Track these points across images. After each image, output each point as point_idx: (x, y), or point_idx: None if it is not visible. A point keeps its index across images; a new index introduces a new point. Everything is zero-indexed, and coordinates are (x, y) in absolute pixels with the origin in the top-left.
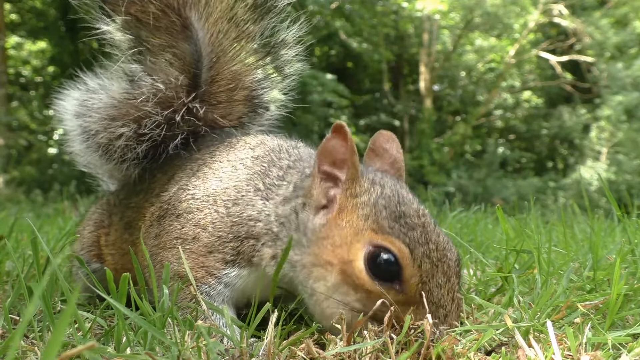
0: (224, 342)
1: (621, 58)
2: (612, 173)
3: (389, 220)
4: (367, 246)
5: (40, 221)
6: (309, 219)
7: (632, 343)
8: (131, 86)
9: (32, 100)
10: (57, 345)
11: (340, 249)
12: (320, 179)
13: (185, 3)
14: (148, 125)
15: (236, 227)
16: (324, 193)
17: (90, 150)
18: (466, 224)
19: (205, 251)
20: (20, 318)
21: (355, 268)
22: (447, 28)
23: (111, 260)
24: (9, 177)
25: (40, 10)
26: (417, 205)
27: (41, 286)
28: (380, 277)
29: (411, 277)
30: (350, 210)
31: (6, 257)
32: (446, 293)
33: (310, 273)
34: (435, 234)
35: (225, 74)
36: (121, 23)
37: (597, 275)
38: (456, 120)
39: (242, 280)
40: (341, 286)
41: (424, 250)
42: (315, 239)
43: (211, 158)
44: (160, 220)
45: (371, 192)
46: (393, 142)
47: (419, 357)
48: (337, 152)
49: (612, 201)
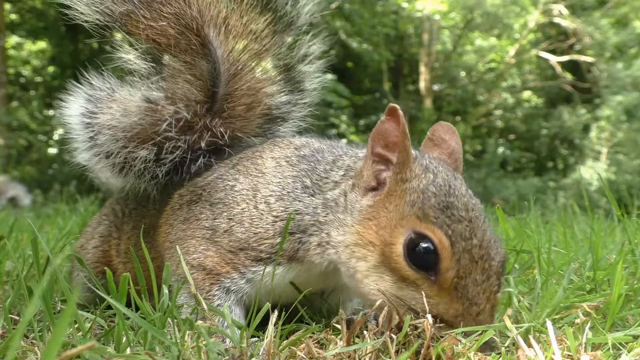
0: (224, 343)
1: (621, 58)
2: (612, 173)
3: (435, 209)
4: (409, 232)
5: (40, 221)
6: (357, 199)
7: (632, 343)
8: (152, 110)
9: (32, 100)
10: (57, 345)
11: (384, 231)
12: (373, 161)
13: (203, 22)
14: (169, 149)
15: (279, 222)
16: (374, 175)
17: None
18: None
19: (236, 247)
20: (20, 318)
21: (394, 251)
22: (447, 28)
23: (123, 268)
24: (9, 177)
25: (40, 10)
26: (467, 199)
27: (41, 286)
28: (417, 265)
29: (447, 269)
30: (399, 194)
31: (6, 257)
32: (482, 291)
33: (352, 252)
34: (481, 231)
35: (243, 88)
36: (141, 50)
37: (597, 275)
38: (456, 120)
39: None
40: (379, 267)
41: (466, 245)
42: (361, 219)
43: (253, 153)
44: (191, 205)
45: (422, 178)
46: (453, 134)
47: (419, 357)
48: (390, 135)
49: (612, 201)
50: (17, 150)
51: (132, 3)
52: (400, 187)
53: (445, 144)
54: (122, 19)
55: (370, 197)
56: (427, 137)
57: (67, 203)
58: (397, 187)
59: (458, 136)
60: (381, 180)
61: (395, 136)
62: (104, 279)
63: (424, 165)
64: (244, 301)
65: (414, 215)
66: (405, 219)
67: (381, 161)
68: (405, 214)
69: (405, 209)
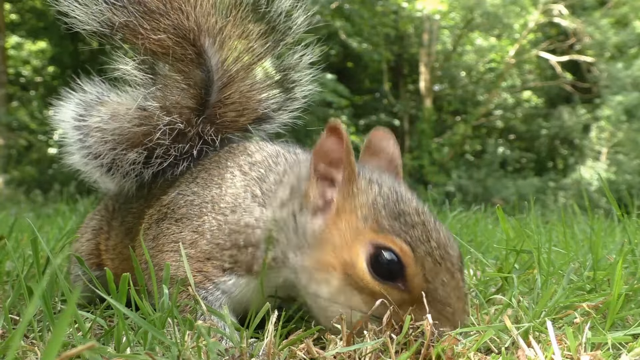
0: (224, 343)
1: (621, 58)
2: (612, 173)
3: (389, 219)
4: (369, 246)
5: (40, 221)
6: (307, 221)
7: (632, 343)
8: (146, 118)
9: (32, 100)
10: (57, 345)
11: (342, 251)
12: (317, 180)
13: (200, 32)
14: (160, 154)
15: (234, 235)
16: (320, 194)
17: (90, 167)
18: (466, 224)
19: (203, 257)
20: (20, 318)
21: (358, 269)
22: (447, 28)
23: (111, 265)
24: (9, 177)
25: (40, 10)
26: (416, 203)
27: (41, 286)
28: (383, 277)
29: (414, 275)
30: (349, 212)
31: (6, 257)
32: (451, 291)
33: (311, 277)
34: (435, 232)
35: (235, 96)
36: (138, 61)
37: (597, 275)
38: (456, 120)
39: (239, 290)
40: (345, 289)
41: (426, 249)
42: (315, 242)
43: (210, 164)
44: (159, 223)
45: (369, 191)
46: (389, 140)
47: (419, 357)
48: (332, 152)
49: (612, 201)
50: (17, 150)
51: (132, 14)
52: (350, 204)
53: (383, 152)
54: (121, 30)
55: (320, 217)
56: (364, 146)
57: (67, 203)
58: (345, 204)
59: (395, 141)
60: (327, 199)
61: (338, 153)
62: (97, 270)
63: (367, 178)
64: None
65: (369, 229)
66: (360, 234)
67: (326, 179)
68: (360, 229)
69: (359, 224)
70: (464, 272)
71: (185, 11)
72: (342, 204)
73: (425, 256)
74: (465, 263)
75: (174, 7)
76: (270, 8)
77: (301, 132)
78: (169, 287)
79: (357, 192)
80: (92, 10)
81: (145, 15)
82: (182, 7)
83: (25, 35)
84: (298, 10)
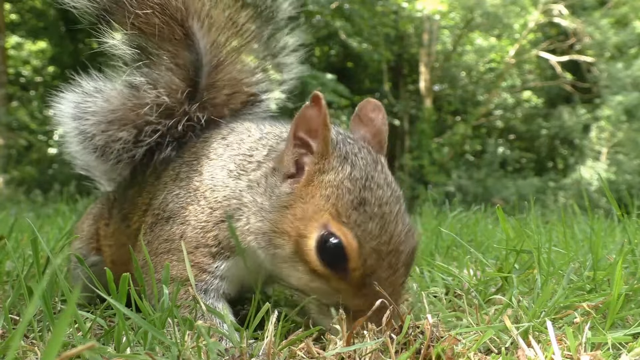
0: (224, 343)
1: (621, 58)
2: (612, 173)
3: (349, 207)
4: (322, 229)
5: (40, 221)
6: (276, 184)
7: (632, 343)
8: (134, 96)
9: (32, 100)
10: (57, 345)
11: (299, 222)
12: (294, 145)
13: (188, 13)
14: (148, 132)
15: (214, 212)
16: (294, 160)
17: (86, 152)
18: (466, 224)
19: (192, 247)
20: (20, 318)
21: (307, 245)
22: (447, 28)
23: (108, 251)
24: (9, 177)
25: (40, 10)
26: (383, 191)
27: (41, 286)
28: (326, 261)
29: (355, 269)
30: (316, 186)
31: (6, 257)
32: (387, 287)
33: (269, 240)
34: (393, 225)
35: (224, 80)
36: (126, 36)
37: (597, 275)
38: (456, 120)
39: (232, 272)
40: (294, 257)
41: (374, 245)
42: (278, 207)
43: (189, 156)
44: (153, 227)
45: (338, 170)
46: (379, 112)
47: (419, 357)
48: (312, 122)
49: (612, 201)
50: (17, 150)
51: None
52: (318, 178)
53: (371, 123)
54: (109, 6)
55: (289, 184)
56: (354, 114)
57: (67, 203)
58: (314, 178)
59: (384, 114)
60: (301, 165)
61: (317, 124)
62: (96, 255)
63: (342, 155)
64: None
65: (327, 212)
66: (319, 213)
67: (303, 145)
68: (320, 208)
69: (320, 202)
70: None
71: None
72: (311, 176)
73: (370, 252)
74: (465, 264)
75: None
76: None
77: None
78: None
79: (327, 169)
80: None
81: None
82: None
83: (25, 35)
84: None
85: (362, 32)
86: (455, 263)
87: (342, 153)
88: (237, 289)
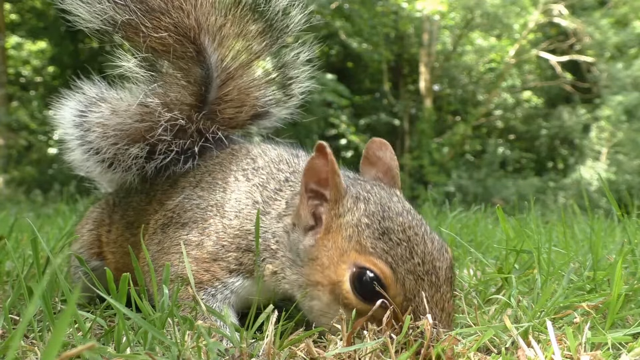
0: (224, 343)
1: (621, 58)
2: (612, 173)
3: (372, 239)
4: (352, 267)
5: (40, 221)
6: (300, 240)
7: (632, 343)
8: (148, 116)
9: (32, 100)
10: (57, 345)
11: (329, 270)
12: (308, 198)
13: (200, 30)
14: (162, 150)
15: (237, 239)
16: (311, 213)
17: (91, 163)
18: (466, 224)
19: (210, 259)
20: (20, 318)
21: (343, 289)
22: (447, 28)
23: (112, 258)
24: (9, 177)
25: (40, 10)
26: (403, 218)
27: (41, 286)
28: (366, 297)
29: (396, 295)
30: (335, 231)
31: (6, 257)
32: (434, 305)
33: (305, 293)
34: (422, 245)
35: (233, 93)
36: (140, 58)
37: (597, 275)
38: (456, 120)
39: (245, 291)
40: (334, 305)
41: (408, 267)
42: (307, 260)
43: (213, 166)
44: (165, 228)
45: (354, 210)
46: (386, 150)
47: (418, 357)
48: (321, 172)
49: (612, 201)
50: (17, 150)
51: (134, 13)
52: (336, 223)
53: (380, 162)
54: (123, 28)
55: (311, 236)
56: (363, 156)
57: (67, 203)
58: (332, 224)
59: (392, 150)
60: (318, 215)
61: (325, 172)
62: (98, 260)
63: (354, 196)
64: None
65: (353, 250)
66: (345, 254)
67: (316, 196)
68: (345, 249)
69: (344, 244)
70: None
71: (185, 10)
72: (329, 223)
73: (406, 275)
74: (465, 264)
75: (174, 5)
76: (268, 6)
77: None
78: (171, 286)
79: (343, 212)
80: (95, 9)
81: (146, 14)
82: (183, 5)
83: (25, 35)
84: (295, 8)
85: (362, 32)
86: (456, 263)
87: (353, 194)
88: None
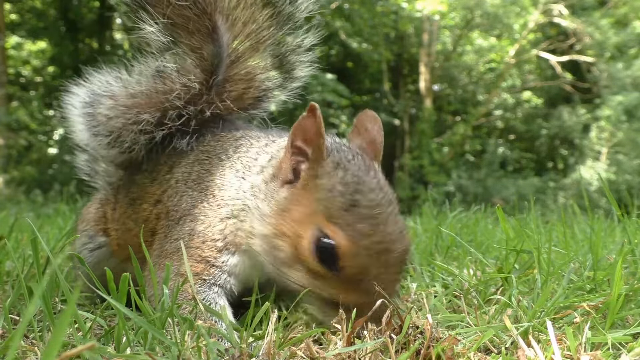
0: (224, 343)
1: (621, 58)
2: (612, 173)
3: (340, 209)
4: (316, 229)
5: (40, 221)
6: (275, 189)
7: (632, 343)
8: (162, 82)
9: (32, 100)
10: (57, 345)
11: (296, 224)
12: (292, 153)
13: (215, 8)
14: (173, 116)
15: (221, 209)
16: (292, 167)
17: (97, 138)
18: (466, 224)
19: (200, 241)
20: (20, 318)
21: (302, 245)
22: (447, 28)
23: (115, 235)
24: (9, 177)
25: (40, 10)
26: (375, 194)
27: (41, 286)
28: (321, 260)
29: (347, 267)
30: (311, 190)
31: (6, 257)
32: (380, 282)
33: (270, 243)
34: (384, 225)
35: (241, 74)
36: (162, 25)
37: (597, 275)
38: (456, 120)
39: (239, 269)
40: (293, 258)
41: (366, 244)
42: (278, 210)
43: (202, 154)
44: (167, 233)
45: (331, 175)
46: (375, 123)
47: (419, 357)
48: (309, 131)
49: (612, 201)
50: (17, 150)
51: None
52: (312, 182)
53: (367, 133)
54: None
55: (287, 189)
56: (353, 125)
57: (67, 203)
58: (309, 182)
59: (380, 125)
60: (298, 172)
61: (313, 132)
62: (103, 236)
63: (335, 161)
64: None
65: (321, 213)
66: (314, 215)
67: (300, 153)
68: (314, 210)
69: (314, 205)
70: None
71: None
72: (306, 180)
73: (362, 250)
74: (465, 263)
75: None
76: None
77: None
78: (170, 286)
79: (321, 174)
80: None
81: None
82: None
83: (25, 35)
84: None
85: (362, 32)
86: (456, 263)
87: (335, 159)
88: (243, 286)
